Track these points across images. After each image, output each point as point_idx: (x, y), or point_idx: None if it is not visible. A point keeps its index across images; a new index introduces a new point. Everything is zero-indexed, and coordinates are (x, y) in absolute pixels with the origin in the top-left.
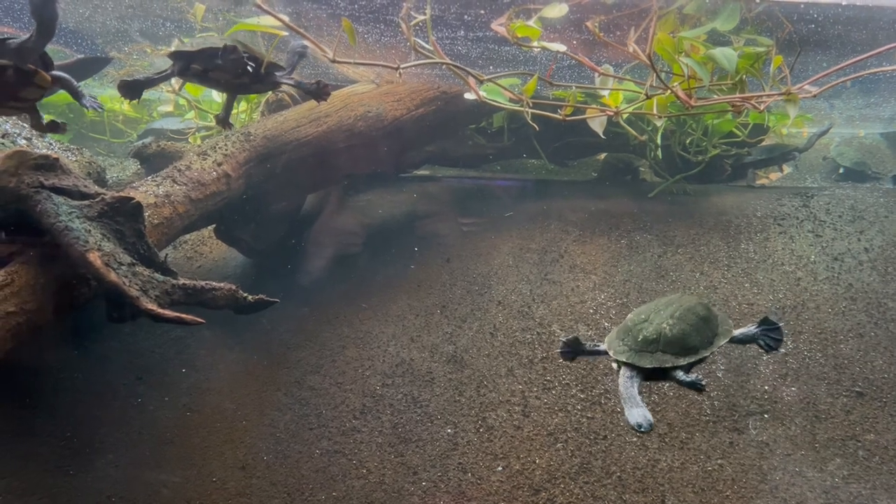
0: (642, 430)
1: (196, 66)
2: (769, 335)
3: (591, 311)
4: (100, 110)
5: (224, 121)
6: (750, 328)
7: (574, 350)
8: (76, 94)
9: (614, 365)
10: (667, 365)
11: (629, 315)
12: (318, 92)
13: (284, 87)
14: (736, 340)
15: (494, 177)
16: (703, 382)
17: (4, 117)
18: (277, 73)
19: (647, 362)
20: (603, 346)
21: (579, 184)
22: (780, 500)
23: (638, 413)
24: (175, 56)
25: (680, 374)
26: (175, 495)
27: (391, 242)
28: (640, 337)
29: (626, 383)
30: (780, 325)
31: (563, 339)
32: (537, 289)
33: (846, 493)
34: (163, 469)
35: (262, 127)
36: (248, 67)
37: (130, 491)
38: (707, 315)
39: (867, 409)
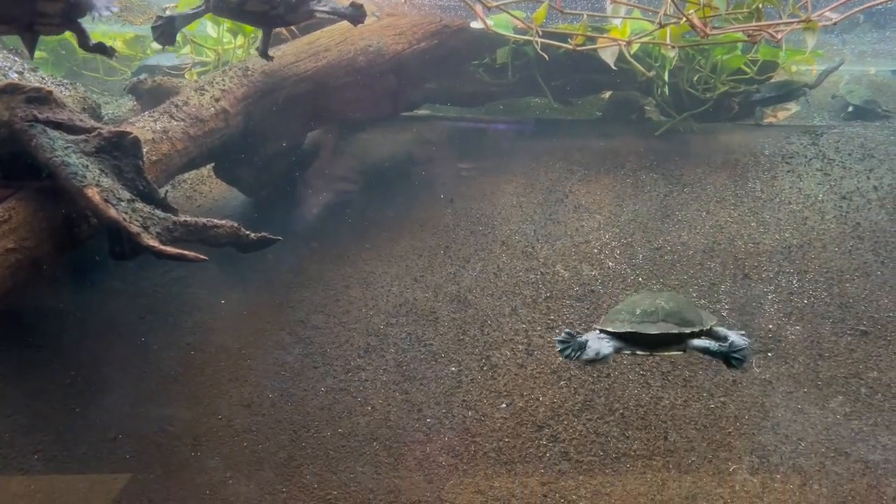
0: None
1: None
2: (736, 353)
3: (596, 250)
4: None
5: (265, 53)
6: (732, 334)
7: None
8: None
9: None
10: (672, 331)
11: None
12: (356, 14)
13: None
14: (714, 333)
15: (496, 118)
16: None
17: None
18: (311, 2)
19: (653, 329)
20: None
21: (584, 123)
22: (781, 437)
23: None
24: None
25: (696, 342)
26: (182, 432)
27: (392, 183)
28: (639, 311)
29: (598, 339)
30: (746, 363)
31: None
32: (541, 229)
33: (847, 429)
34: (168, 407)
35: (260, 62)
36: None
37: (136, 428)
38: (688, 300)
39: (871, 347)
